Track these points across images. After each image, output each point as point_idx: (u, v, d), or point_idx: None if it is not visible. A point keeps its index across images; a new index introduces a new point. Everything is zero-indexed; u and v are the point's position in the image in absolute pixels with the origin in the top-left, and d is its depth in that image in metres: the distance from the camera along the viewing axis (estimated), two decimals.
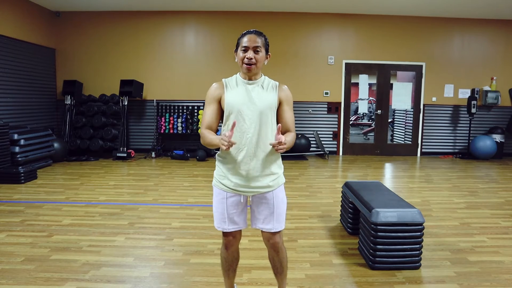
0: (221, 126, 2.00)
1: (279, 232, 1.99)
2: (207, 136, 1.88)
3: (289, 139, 1.87)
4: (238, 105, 1.88)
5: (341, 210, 3.69)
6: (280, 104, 1.97)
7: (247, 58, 1.87)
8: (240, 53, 1.90)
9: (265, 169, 1.92)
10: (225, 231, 1.99)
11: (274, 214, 1.96)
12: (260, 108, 1.89)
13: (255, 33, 1.91)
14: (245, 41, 1.88)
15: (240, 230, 2.05)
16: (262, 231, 2.01)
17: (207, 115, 1.95)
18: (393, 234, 2.62)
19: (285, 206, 2.02)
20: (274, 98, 1.93)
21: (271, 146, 1.89)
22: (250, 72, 1.90)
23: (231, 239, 2.02)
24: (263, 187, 1.93)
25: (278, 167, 1.98)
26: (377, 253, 2.64)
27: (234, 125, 1.77)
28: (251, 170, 1.90)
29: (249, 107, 1.88)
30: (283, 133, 1.97)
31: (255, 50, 1.88)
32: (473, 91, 7.95)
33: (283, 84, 2.01)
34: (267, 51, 1.95)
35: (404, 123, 8.75)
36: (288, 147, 1.84)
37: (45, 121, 7.55)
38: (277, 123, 2.01)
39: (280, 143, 1.73)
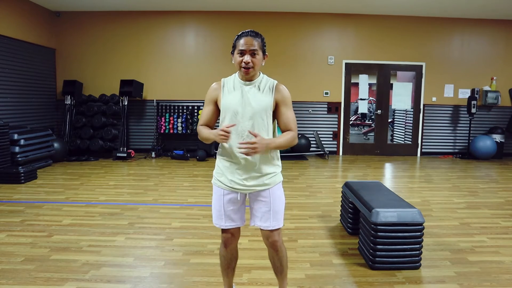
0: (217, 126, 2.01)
1: (277, 230, 2.00)
2: (203, 131, 1.98)
3: (281, 140, 1.91)
4: (234, 107, 1.90)
5: (341, 210, 3.69)
6: (277, 106, 1.96)
7: (244, 62, 1.86)
8: (237, 57, 1.89)
9: (261, 168, 1.94)
10: (222, 227, 2.03)
11: (271, 212, 1.97)
12: (255, 109, 1.89)
13: (251, 35, 1.87)
14: (241, 43, 1.86)
15: (239, 228, 2.07)
16: (261, 229, 2.02)
17: (204, 114, 2.04)
18: (393, 234, 2.62)
19: (282, 204, 2.02)
20: (269, 100, 1.92)
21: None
22: (248, 75, 1.91)
23: (229, 236, 2.04)
24: (260, 185, 1.95)
25: (274, 166, 1.99)
26: (377, 253, 2.64)
27: (231, 125, 1.84)
28: (247, 169, 1.93)
29: (245, 108, 1.90)
30: (283, 132, 2.00)
31: (252, 53, 1.86)
32: (473, 91, 7.94)
33: (281, 83, 2.00)
34: (264, 52, 1.94)
35: (404, 123, 8.75)
36: (281, 146, 1.91)
37: (45, 121, 7.55)
38: (277, 123, 2.01)
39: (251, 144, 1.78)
